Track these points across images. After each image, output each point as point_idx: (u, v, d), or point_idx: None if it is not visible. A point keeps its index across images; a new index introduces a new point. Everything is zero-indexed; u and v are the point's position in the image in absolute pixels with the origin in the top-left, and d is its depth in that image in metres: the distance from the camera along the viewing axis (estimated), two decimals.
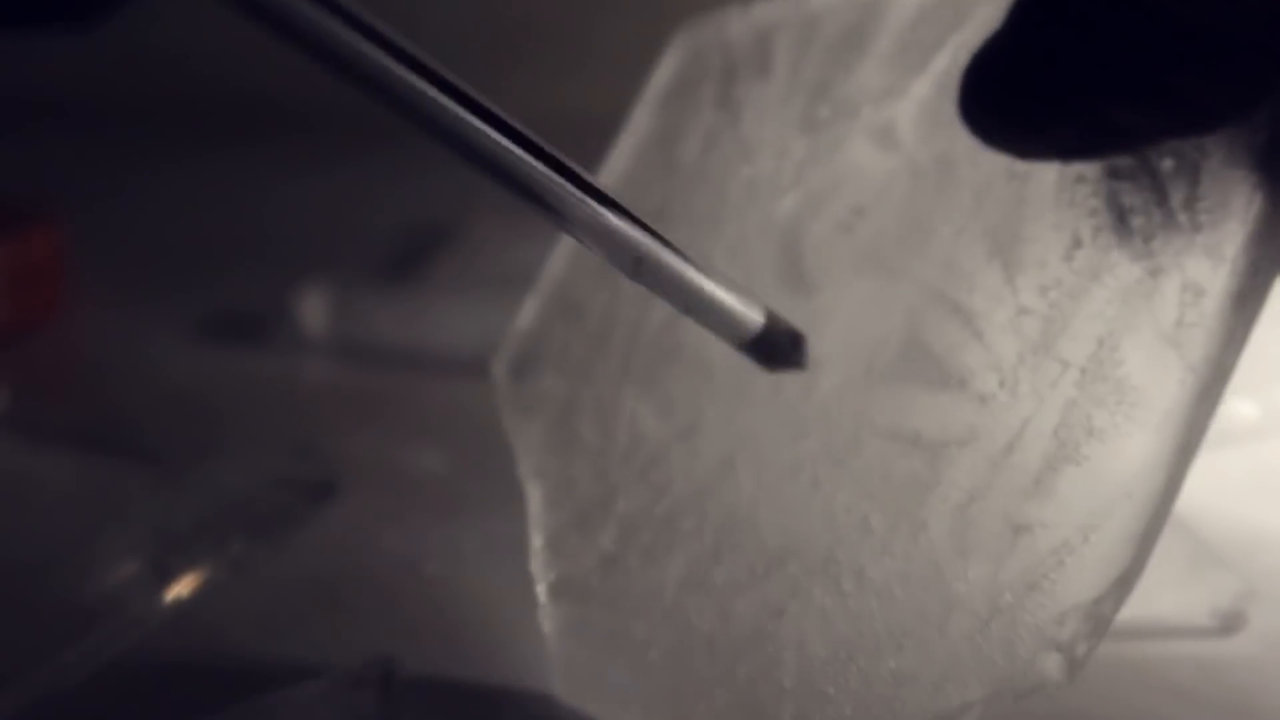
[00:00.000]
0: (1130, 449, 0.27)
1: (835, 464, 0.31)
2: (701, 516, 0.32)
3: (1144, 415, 0.27)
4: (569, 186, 0.27)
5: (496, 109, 0.26)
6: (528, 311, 0.37)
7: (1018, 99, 0.26)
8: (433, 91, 0.26)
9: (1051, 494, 0.28)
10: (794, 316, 0.32)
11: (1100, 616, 0.27)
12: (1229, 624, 0.37)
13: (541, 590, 0.34)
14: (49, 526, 0.40)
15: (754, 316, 0.30)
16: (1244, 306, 0.27)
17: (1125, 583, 0.27)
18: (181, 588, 0.38)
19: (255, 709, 0.33)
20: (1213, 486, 0.43)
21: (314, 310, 0.56)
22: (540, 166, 0.27)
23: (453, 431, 0.49)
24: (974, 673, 0.27)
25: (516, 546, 0.37)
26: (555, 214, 0.27)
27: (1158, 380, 0.27)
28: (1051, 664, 0.27)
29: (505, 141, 0.26)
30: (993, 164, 0.30)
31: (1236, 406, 0.47)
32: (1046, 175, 0.29)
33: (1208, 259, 0.27)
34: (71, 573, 0.38)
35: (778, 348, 0.31)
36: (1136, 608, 0.37)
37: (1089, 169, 0.29)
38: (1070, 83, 0.25)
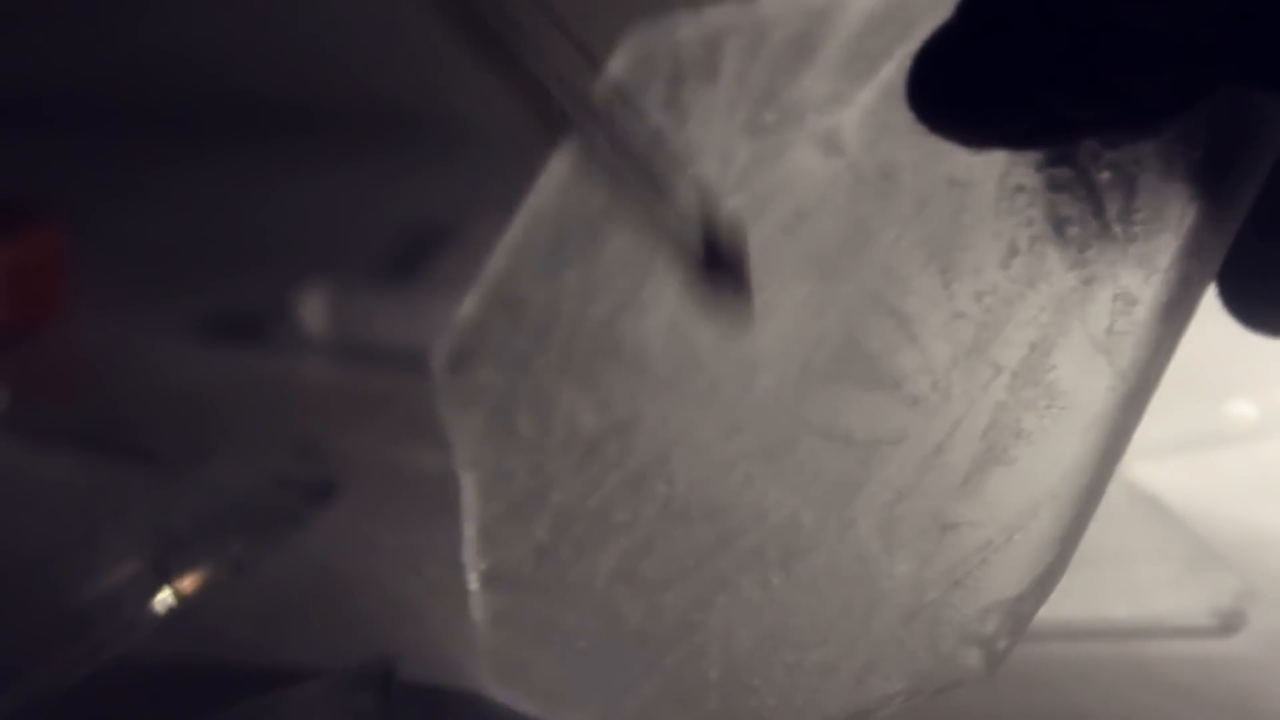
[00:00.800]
0: (1057, 452, 0.28)
1: (768, 461, 0.31)
2: (634, 510, 0.33)
3: (1072, 419, 0.28)
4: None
5: None
6: (468, 304, 0.38)
7: (964, 87, 0.26)
8: None
9: (978, 494, 0.28)
10: (734, 315, 0.33)
11: (1021, 614, 0.27)
12: (1228, 623, 0.37)
13: (473, 579, 0.35)
14: (49, 526, 0.40)
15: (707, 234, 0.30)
16: (1174, 316, 0.27)
17: (1047, 581, 0.27)
18: (181, 588, 0.38)
19: (255, 709, 0.33)
20: (1212, 486, 0.44)
21: (314, 310, 0.56)
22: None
23: None
24: (896, 666, 0.28)
25: None
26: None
27: (1087, 385, 0.28)
28: (972, 658, 0.27)
29: None
30: (934, 173, 0.31)
31: (1236, 407, 0.47)
32: (986, 185, 0.30)
33: (1140, 269, 0.28)
34: (71, 572, 0.38)
35: (730, 272, 0.30)
36: (1136, 607, 0.37)
37: (1029, 179, 0.29)
38: (1015, 74, 0.26)
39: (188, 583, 0.38)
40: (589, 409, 0.35)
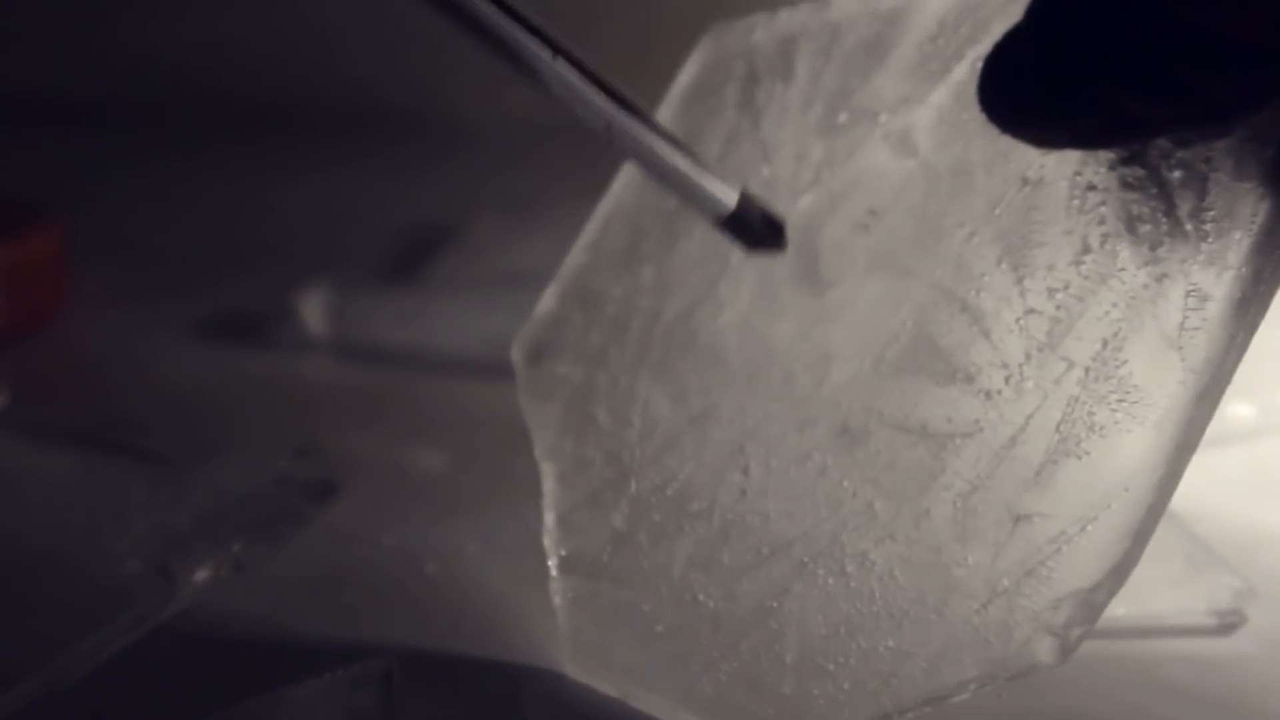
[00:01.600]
0: (1129, 445, 0.28)
1: (843, 452, 0.32)
2: (711, 499, 0.34)
3: (1144, 413, 0.28)
4: (545, 49, 0.29)
5: None
6: (548, 298, 0.38)
7: (1035, 87, 0.27)
8: None
9: (1051, 486, 0.29)
10: (808, 312, 0.34)
11: (1094, 604, 0.28)
12: (1227, 622, 0.37)
13: (553, 565, 0.35)
14: (50, 526, 0.40)
15: (727, 194, 0.32)
16: (1246, 312, 0.28)
17: (1120, 573, 0.28)
18: (182, 587, 0.38)
19: (255, 708, 0.33)
20: (1211, 486, 0.44)
21: (314, 310, 0.56)
22: (519, 30, 0.29)
23: (453, 431, 0.49)
24: (969, 653, 0.28)
25: (516, 545, 0.37)
26: (536, 78, 0.29)
27: (1159, 380, 0.28)
28: (1045, 647, 0.28)
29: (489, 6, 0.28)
30: (1007, 171, 0.31)
31: (1234, 408, 0.47)
32: (1058, 184, 0.30)
33: (1212, 266, 0.28)
34: (73, 572, 0.38)
35: (753, 228, 0.33)
36: (1136, 606, 0.37)
37: (1100, 178, 0.30)
38: (1086, 73, 0.26)
39: (189, 582, 0.38)
40: (665, 401, 0.35)
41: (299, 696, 0.33)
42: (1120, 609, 0.37)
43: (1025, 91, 0.27)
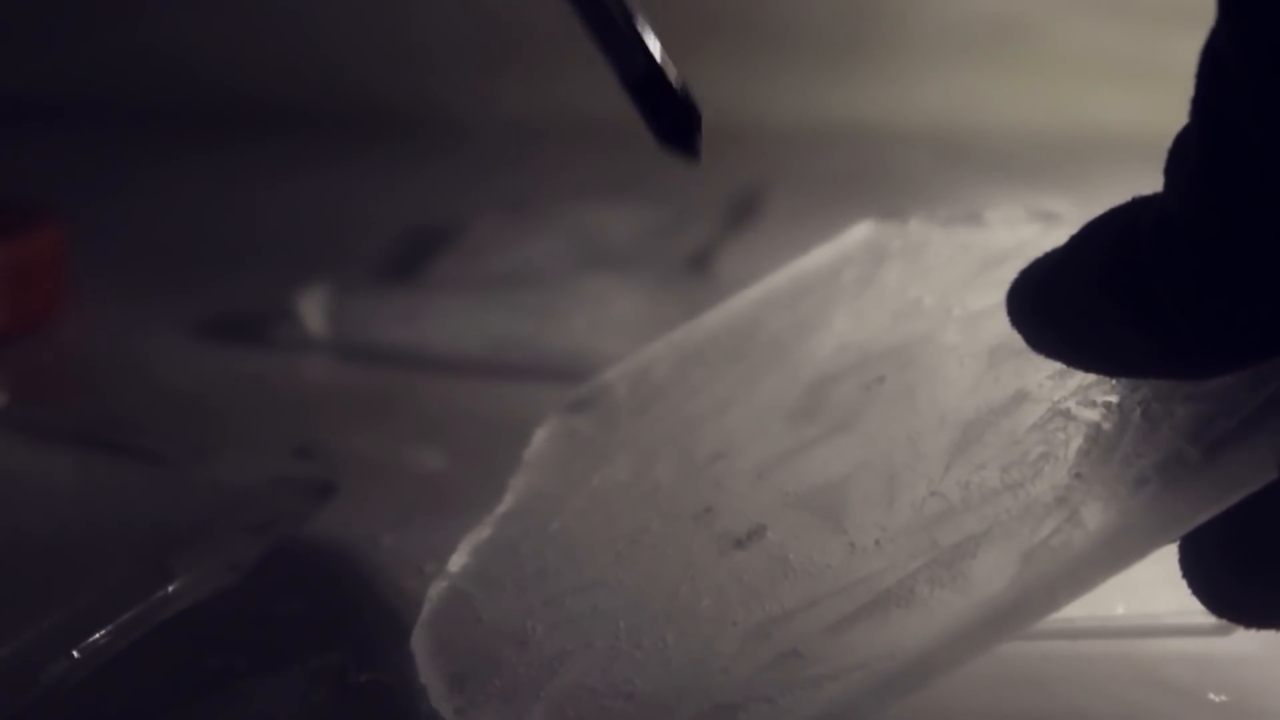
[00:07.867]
0: (921, 624, 0.28)
1: (718, 555, 0.33)
2: (591, 552, 0.35)
3: (953, 601, 0.28)
4: None
5: None
6: (613, 371, 0.42)
7: (1048, 310, 0.28)
8: None
9: (840, 635, 0.29)
10: (779, 445, 0.36)
11: None
12: (1227, 622, 0.37)
13: (454, 563, 0.37)
14: (49, 526, 0.40)
15: (657, 50, 0.30)
16: (1097, 561, 0.28)
17: None
18: (182, 587, 0.38)
19: (211, 705, 0.33)
20: None
21: (314, 310, 0.56)
22: None
23: (453, 431, 0.49)
24: None
25: None
26: None
27: (988, 580, 0.28)
28: None
29: None
30: (1011, 383, 0.32)
31: None
32: (1041, 404, 0.31)
33: (1106, 503, 0.28)
34: (72, 572, 0.38)
35: (670, 102, 0.31)
36: (1136, 606, 0.37)
37: (1077, 409, 0.30)
38: (1104, 310, 0.27)
39: (187, 583, 0.38)
40: (626, 471, 0.37)
41: (255, 692, 0.33)
42: (1120, 608, 0.37)
43: (1038, 311, 0.29)
